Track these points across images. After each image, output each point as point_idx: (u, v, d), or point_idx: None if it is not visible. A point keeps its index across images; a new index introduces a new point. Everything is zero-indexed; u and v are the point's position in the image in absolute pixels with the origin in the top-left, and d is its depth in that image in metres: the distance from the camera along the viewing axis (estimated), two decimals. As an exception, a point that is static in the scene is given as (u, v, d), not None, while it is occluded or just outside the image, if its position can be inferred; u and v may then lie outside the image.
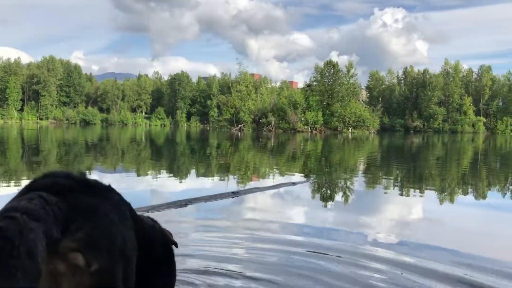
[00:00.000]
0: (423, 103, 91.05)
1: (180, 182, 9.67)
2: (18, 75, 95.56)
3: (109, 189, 1.50)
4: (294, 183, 8.57)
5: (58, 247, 1.17)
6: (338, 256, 3.89)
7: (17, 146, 22.49)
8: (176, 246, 1.98)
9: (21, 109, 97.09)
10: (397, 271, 3.49)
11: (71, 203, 1.28)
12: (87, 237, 1.23)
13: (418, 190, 9.07)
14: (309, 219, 5.88)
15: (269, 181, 9.19)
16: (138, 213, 1.73)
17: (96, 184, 1.46)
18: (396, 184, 10.19)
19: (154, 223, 1.92)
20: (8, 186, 9.11)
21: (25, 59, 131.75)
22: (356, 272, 3.48)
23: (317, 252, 4.00)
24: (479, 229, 5.65)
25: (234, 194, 7.00)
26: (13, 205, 1.15)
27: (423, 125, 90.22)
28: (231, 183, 9.19)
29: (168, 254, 1.92)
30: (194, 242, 4.21)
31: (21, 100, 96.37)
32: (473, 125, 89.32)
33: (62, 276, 1.19)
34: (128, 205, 1.57)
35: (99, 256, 1.24)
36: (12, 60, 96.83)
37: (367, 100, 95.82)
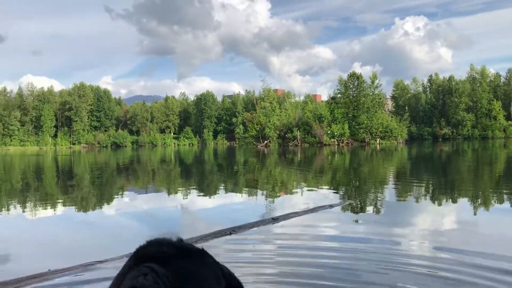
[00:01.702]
0: (450, 110, 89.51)
1: (219, 207, 10.01)
2: (51, 102, 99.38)
3: (203, 253, 1.70)
4: (331, 206, 8.68)
5: None
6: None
7: (52, 171, 23.41)
8: None
9: (55, 135, 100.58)
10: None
11: (175, 271, 1.47)
12: None
13: (462, 207, 9.03)
14: (348, 241, 5.91)
15: (306, 203, 9.34)
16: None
17: (193, 250, 1.66)
18: (437, 201, 10.15)
19: (229, 271, 2.15)
20: (45, 209, 9.89)
21: (57, 86, 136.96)
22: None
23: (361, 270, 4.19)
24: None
25: (275, 220, 7.20)
26: (133, 285, 1.35)
27: (452, 132, 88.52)
28: (269, 207, 9.43)
29: None
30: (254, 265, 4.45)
31: (54, 126, 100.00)
32: (504, 130, 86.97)
33: None
34: (219, 265, 1.76)
35: None
36: (46, 89, 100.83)
37: (393, 109, 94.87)
